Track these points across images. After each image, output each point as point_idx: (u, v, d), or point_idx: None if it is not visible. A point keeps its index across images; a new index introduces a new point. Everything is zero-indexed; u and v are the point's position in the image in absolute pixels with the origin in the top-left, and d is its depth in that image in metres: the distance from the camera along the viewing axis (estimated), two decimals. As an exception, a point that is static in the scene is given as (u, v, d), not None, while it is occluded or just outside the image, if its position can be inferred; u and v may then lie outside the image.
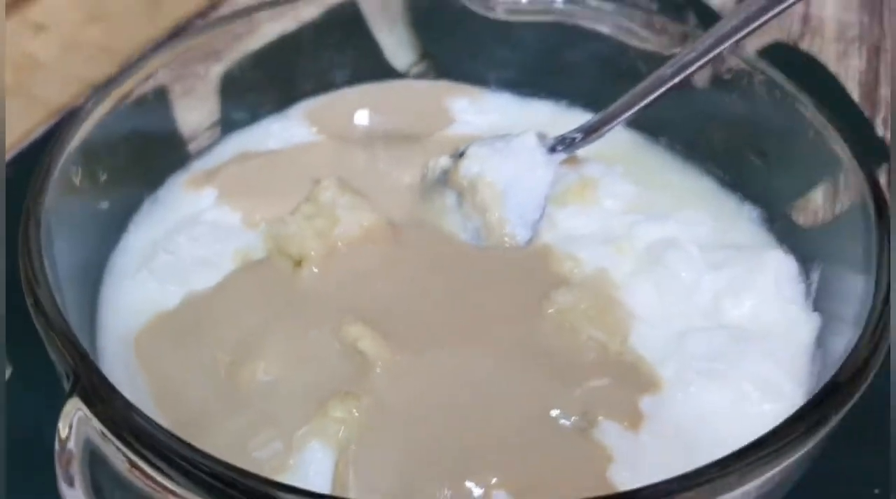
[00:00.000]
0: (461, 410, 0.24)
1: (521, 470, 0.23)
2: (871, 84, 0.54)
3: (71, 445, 0.19)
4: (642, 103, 0.30)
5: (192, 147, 0.35)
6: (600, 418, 0.24)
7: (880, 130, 0.49)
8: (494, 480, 0.22)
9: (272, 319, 0.27)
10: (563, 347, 0.26)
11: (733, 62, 0.32)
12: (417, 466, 0.23)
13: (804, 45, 0.56)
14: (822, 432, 0.21)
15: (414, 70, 0.42)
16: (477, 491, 0.22)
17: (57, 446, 0.20)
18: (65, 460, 0.19)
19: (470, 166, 0.30)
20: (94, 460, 0.19)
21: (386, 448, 0.23)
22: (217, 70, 0.39)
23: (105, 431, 0.19)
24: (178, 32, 0.56)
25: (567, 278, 0.27)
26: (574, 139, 0.31)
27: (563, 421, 0.24)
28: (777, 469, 0.21)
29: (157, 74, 0.34)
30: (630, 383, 0.25)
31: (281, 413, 0.24)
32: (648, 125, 0.35)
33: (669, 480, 0.19)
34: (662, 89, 0.30)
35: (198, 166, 0.34)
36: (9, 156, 0.47)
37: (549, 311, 0.26)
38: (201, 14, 0.58)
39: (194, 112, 0.36)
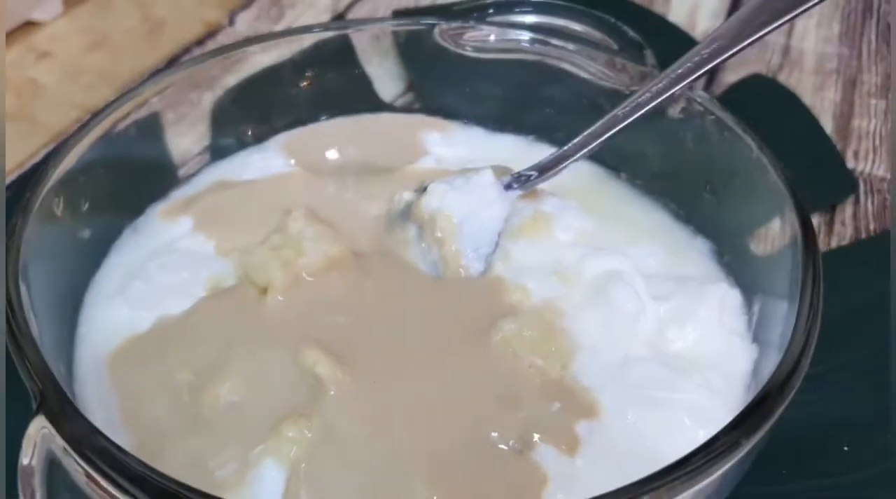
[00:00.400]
0: (406, 431, 0.26)
1: (460, 489, 0.24)
2: (845, 116, 0.55)
3: (33, 461, 0.21)
4: (595, 143, 0.32)
5: (181, 173, 0.37)
6: (537, 441, 0.25)
7: (851, 163, 0.50)
8: (435, 498, 0.24)
9: (236, 343, 0.28)
10: (506, 373, 0.27)
11: (686, 102, 0.34)
12: (363, 484, 0.24)
13: (783, 77, 0.58)
14: (739, 453, 0.23)
15: (399, 101, 0.44)
16: (417, 507, 0.24)
17: (21, 463, 0.21)
18: (26, 476, 0.21)
19: (430, 201, 0.31)
20: (54, 472, 0.21)
21: (334, 467, 0.25)
22: (209, 98, 0.41)
23: (66, 447, 0.21)
24: (175, 60, 0.58)
25: (515, 308, 0.29)
26: (529, 177, 0.33)
27: (501, 444, 0.25)
28: (695, 488, 0.22)
29: (148, 103, 0.35)
30: (568, 408, 0.26)
31: (239, 433, 0.26)
32: (610, 159, 0.37)
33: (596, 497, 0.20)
34: (615, 129, 0.32)
35: (176, 195, 0.36)
36: (10, 178, 0.49)
37: (496, 338, 0.28)
38: (199, 42, 0.60)
39: (184, 139, 0.37)
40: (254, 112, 0.39)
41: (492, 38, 0.38)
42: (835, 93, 0.57)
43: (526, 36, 0.37)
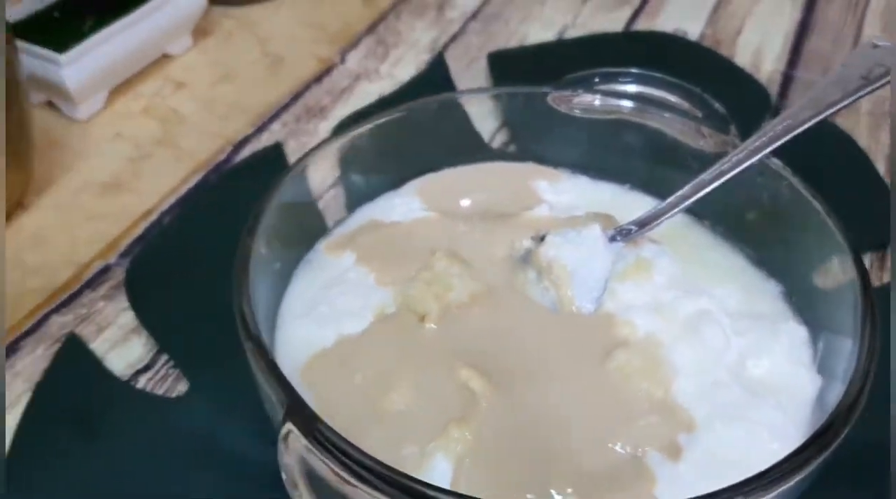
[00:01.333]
0: (543, 436, 0.33)
1: (588, 482, 0.31)
2: (897, 157, 0.61)
3: (289, 458, 0.29)
4: (684, 204, 0.39)
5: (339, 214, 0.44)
6: (648, 449, 0.33)
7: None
8: (569, 489, 0.31)
9: (403, 360, 0.36)
10: (620, 394, 0.34)
11: (764, 167, 0.41)
12: (513, 475, 0.32)
13: (840, 118, 0.64)
14: (811, 467, 0.30)
15: (510, 151, 0.51)
16: (556, 496, 0.31)
17: (282, 460, 0.29)
18: (289, 472, 0.29)
19: (547, 251, 0.39)
20: (306, 467, 0.29)
21: (490, 462, 0.32)
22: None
23: (309, 446, 0.28)
24: (298, 96, 0.66)
25: (625, 340, 0.36)
26: (630, 231, 0.40)
27: (619, 450, 0.33)
28: (776, 492, 0.29)
29: (331, 148, 0.42)
30: (671, 423, 0.34)
31: (414, 431, 0.33)
32: (695, 209, 0.44)
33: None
34: (701, 193, 0.39)
35: (336, 232, 0.44)
36: (165, 204, 0.57)
37: (612, 366, 0.35)
38: (317, 79, 0.68)
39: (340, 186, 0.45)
40: (391, 160, 0.46)
41: (596, 103, 0.45)
42: (888, 134, 0.63)
43: (626, 103, 0.44)
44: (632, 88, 0.44)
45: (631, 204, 0.45)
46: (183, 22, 0.69)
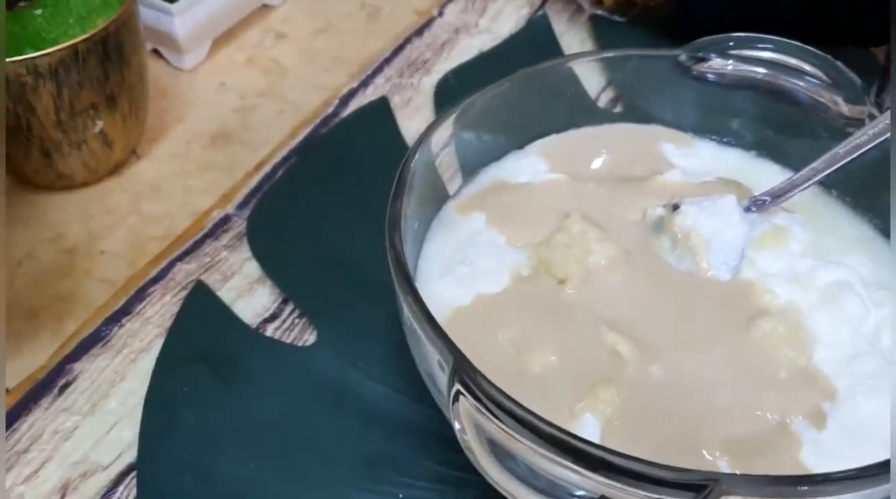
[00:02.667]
0: (690, 400, 0.34)
1: (737, 446, 0.32)
2: None
3: (458, 417, 0.30)
4: (818, 177, 0.39)
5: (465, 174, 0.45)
6: (793, 416, 0.33)
7: None
8: (718, 452, 0.32)
9: (545, 321, 0.37)
10: (764, 361, 0.35)
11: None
12: (664, 438, 0.33)
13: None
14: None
15: (621, 102, 0.52)
16: (708, 457, 0.32)
17: (450, 418, 0.30)
18: (458, 429, 0.30)
19: (684, 220, 0.39)
20: (476, 426, 0.30)
21: (640, 424, 0.33)
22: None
23: (478, 406, 0.29)
24: (399, 49, 0.66)
25: (767, 308, 0.37)
26: (764, 201, 0.40)
27: (768, 415, 0.33)
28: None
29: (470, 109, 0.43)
30: (815, 391, 0.34)
31: (562, 391, 0.34)
32: (824, 179, 0.44)
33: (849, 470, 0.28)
34: (835, 166, 0.39)
35: (464, 193, 0.44)
36: (277, 156, 0.58)
37: (756, 333, 0.36)
38: (417, 32, 0.68)
39: (473, 143, 0.45)
40: (514, 122, 0.47)
41: (729, 67, 0.45)
42: None
43: (760, 69, 0.44)
44: (767, 55, 0.44)
45: (758, 170, 0.45)
46: (283, -29, 0.70)
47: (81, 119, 0.51)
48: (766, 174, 0.44)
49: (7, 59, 0.47)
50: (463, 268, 0.39)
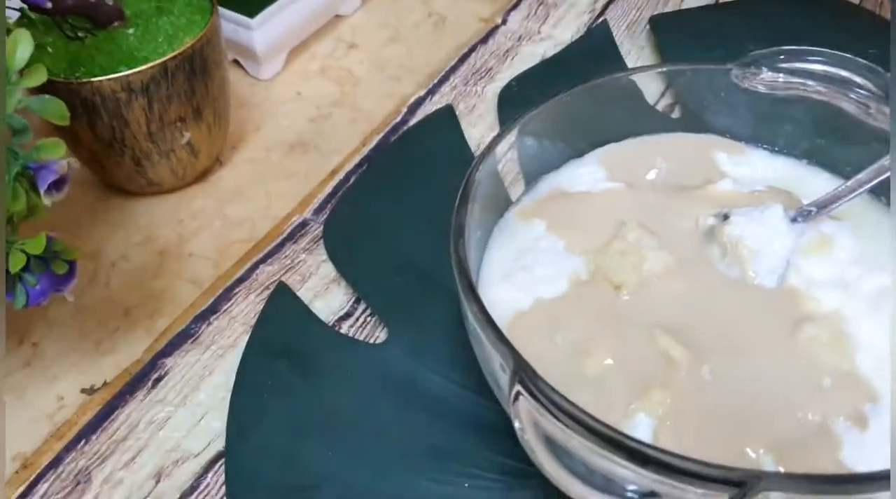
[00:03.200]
0: (738, 402, 0.36)
1: (781, 446, 0.35)
2: None
3: (519, 417, 0.33)
4: (863, 188, 0.41)
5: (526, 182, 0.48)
6: (835, 418, 0.35)
7: None
8: (762, 450, 0.34)
9: (601, 326, 0.39)
10: (808, 365, 0.37)
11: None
12: (712, 437, 0.35)
13: None
14: None
15: (676, 112, 0.54)
16: (752, 456, 0.34)
17: (512, 418, 0.33)
18: (519, 428, 0.33)
19: (732, 230, 0.41)
20: (536, 426, 0.33)
21: (690, 426, 0.36)
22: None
23: (539, 408, 0.32)
24: (464, 58, 0.69)
25: (812, 314, 0.39)
26: (811, 211, 0.42)
27: (809, 417, 0.35)
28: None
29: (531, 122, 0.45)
30: (857, 394, 0.36)
31: (617, 391, 0.37)
32: (873, 186, 0.45)
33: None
34: (881, 178, 0.40)
35: (525, 200, 0.47)
36: (350, 163, 0.61)
37: (802, 338, 0.38)
38: (482, 40, 0.71)
39: (536, 156, 0.47)
40: (573, 132, 0.49)
41: (780, 79, 0.46)
42: None
43: (811, 82, 0.46)
44: (817, 67, 0.45)
45: (809, 179, 0.47)
46: (355, -17, 0.73)
47: (170, 130, 0.56)
48: (816, 182, 0.46)
49: (103, 77, 0.51)
50: (523, 274, 0.42)
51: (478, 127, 0.63)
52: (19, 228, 0.40)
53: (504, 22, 0.73)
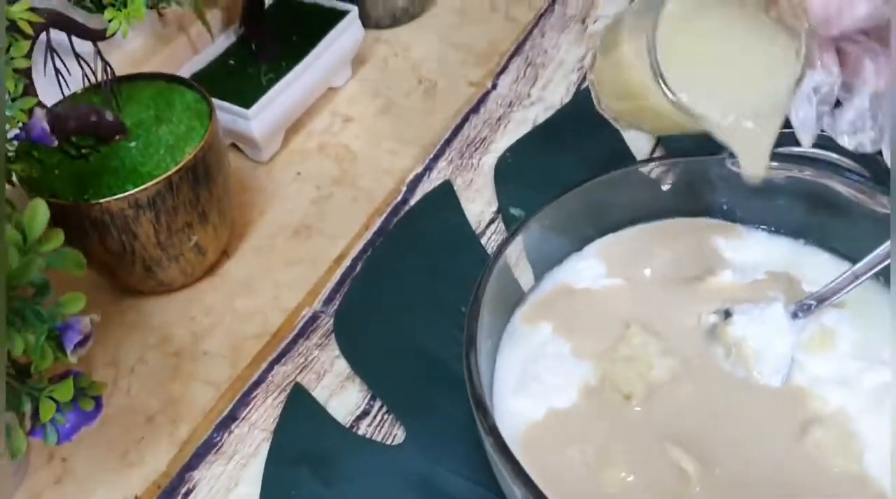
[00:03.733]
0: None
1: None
2: None
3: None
4: (860, 280, 0.42)
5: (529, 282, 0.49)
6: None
7: None
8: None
9: (614, 438, 0.41)
10: (817, 468, 0.38)
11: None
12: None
13: None
14: None
15: (671, 197, 0.55)
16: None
17: None
18: None
19: (735, 331, 0.42)
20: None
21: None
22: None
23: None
24: (458, 130, 0.70)
25: (818, 414, 0.40)
26: (810, 306, 0.43)
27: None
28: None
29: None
30: (864, 494, 0.38)
31: (634, 507, 0.38)
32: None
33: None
34: (876, 269, 0.42)
35: (530, 301, 0.48)
36: (354, 248, 0.62)
37: (808, 441, 0.39)
38: (473, 109, 0.72)
39: (530, 264, 0.49)
40: (573, 226, 0.50)
41: (774, 165, 0.47)
42: None
43: (804, 167, 0.47)
44: (809, 151, 0.46)
45: (808, 259, 0.48)
46: (346, 55, 0.74)
47: (178, 237, 0.57)
48: (814, 263, 0.48)
49: (111, 198, 0.52)
50: (534, 384, 0.43)
51: (476, 202, 0.65)
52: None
53: (494, 86, 0.74)
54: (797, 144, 0.47)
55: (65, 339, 0.39)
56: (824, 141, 0.47)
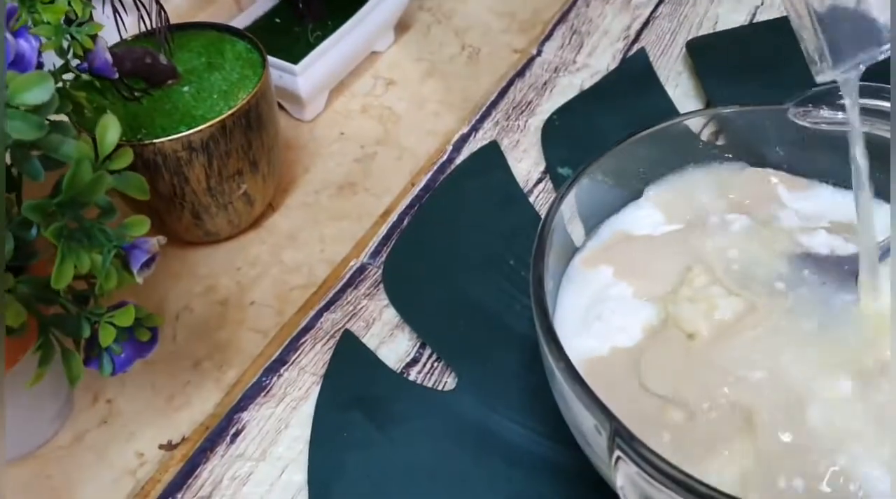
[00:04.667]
0: (809, 456, 0.37)
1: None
2: None
3: (621, 480, 0.34)
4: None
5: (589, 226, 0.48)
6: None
7: None
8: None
9: (678, 374, 0.40)
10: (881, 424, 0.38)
11: None
12: (790, 484, 0.36)
13: None
14: None
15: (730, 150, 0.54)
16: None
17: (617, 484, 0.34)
18: (621, 491, 0.34)
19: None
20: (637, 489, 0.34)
21: (768, 478, 0.36)
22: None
23: (640, 472, 0.33)
24: (504, 92, 0.70)
25: (885, 364, 0.39)
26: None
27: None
28: None
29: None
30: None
31: (695, 445, 0.38)
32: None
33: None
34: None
35: (589, 247, 0.48)
36: (401, 204, 0.62)
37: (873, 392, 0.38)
38: (519, 72, 0.71)
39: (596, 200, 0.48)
40: (630, 174, 0.50)
41: (839, 116, 0.47)
42: None
43: (874, 119, 0.46)
44: (872, 102, 0.46)
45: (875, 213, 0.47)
46: (390, 19, 0.74)
47: (228, 184, 0.57)
48: (880, 217, 0.47)
49: (164, 138, 0.52)
50: (598, 324, 0.43)
51: (523, 162, 0.64)
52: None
53: (539, 53, 0.73)
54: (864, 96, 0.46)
55: (131, 258, 0.39)
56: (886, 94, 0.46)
